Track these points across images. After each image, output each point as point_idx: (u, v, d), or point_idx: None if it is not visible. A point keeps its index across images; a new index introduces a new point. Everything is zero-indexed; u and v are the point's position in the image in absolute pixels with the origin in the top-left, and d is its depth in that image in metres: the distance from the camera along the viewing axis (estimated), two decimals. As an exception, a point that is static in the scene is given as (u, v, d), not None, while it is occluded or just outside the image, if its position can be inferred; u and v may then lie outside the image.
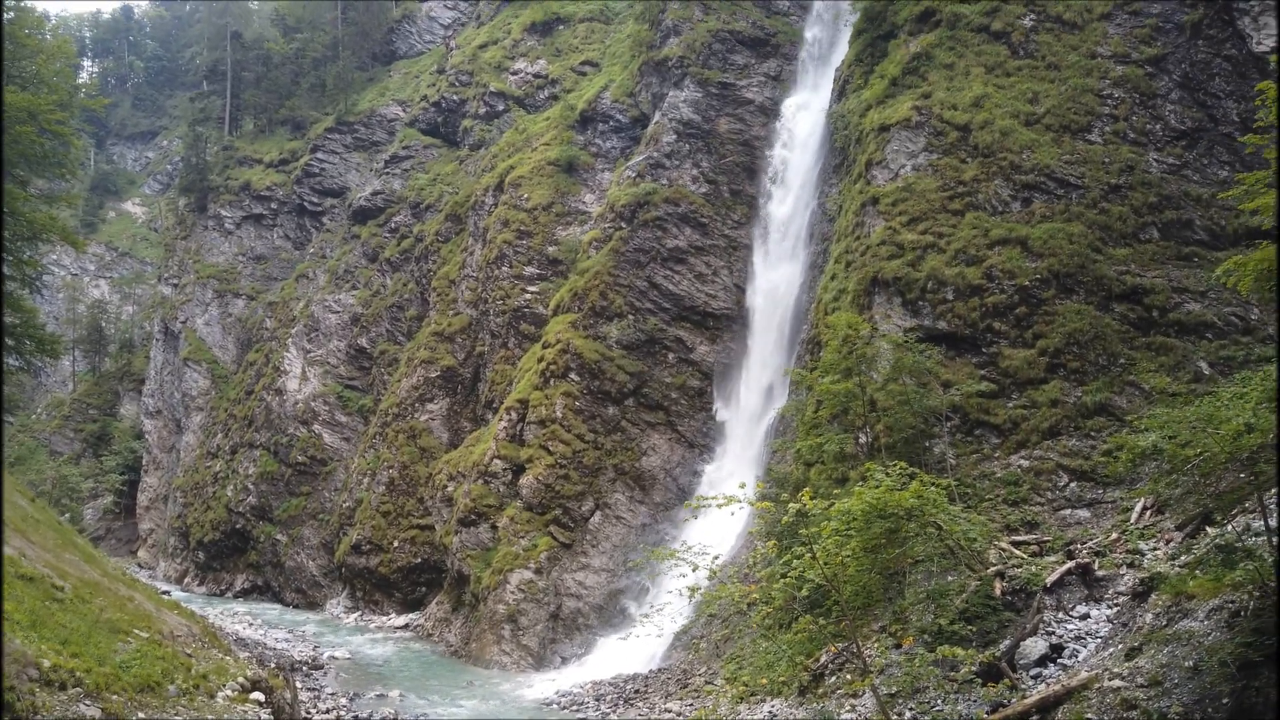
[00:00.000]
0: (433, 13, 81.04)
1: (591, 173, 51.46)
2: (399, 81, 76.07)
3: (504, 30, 65.76)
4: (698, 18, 47.29)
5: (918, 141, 31.58)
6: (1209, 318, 26.13)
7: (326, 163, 72.95)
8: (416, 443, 51.69)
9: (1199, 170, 28.74)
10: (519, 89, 60.92)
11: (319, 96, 79.74)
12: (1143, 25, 30.71)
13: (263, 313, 71.09)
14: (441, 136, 66.86)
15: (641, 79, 49.77)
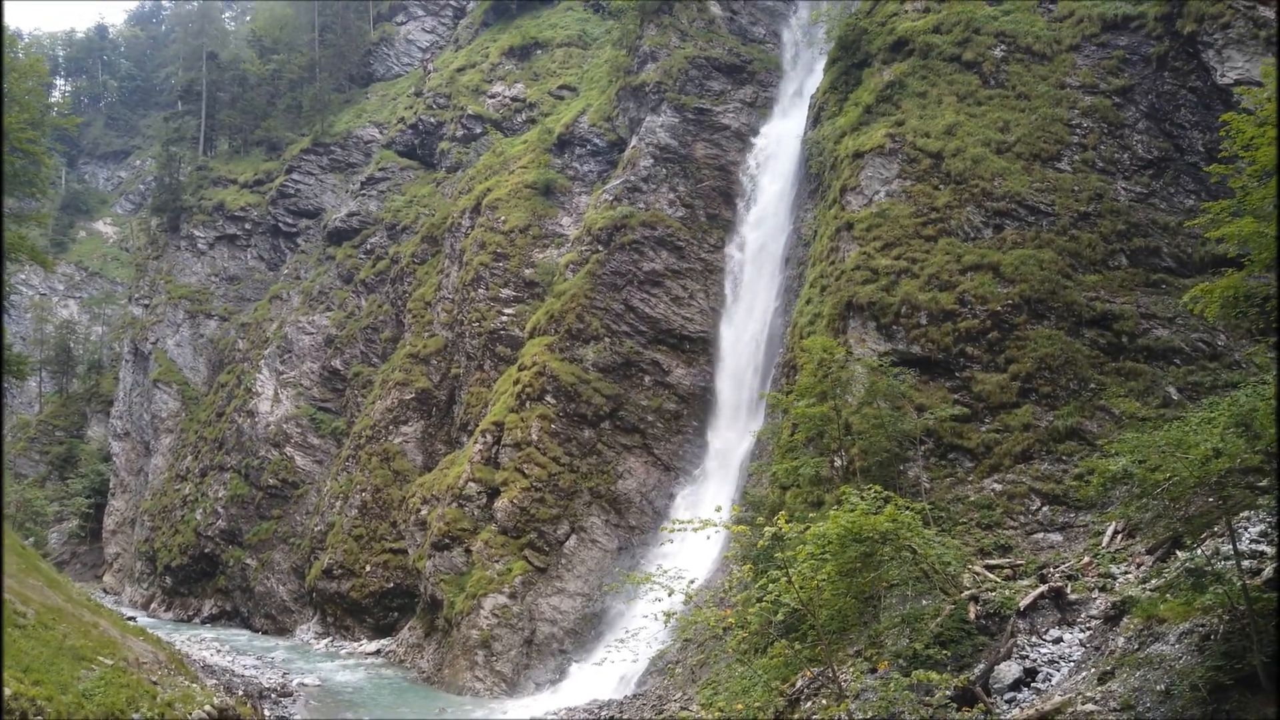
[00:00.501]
0: (410, 36, 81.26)
1: (569, 196, 51.60)
2: (376, 103, 76.08)
3: (482, 54, 66.02)
4: (675, 44, 47.74)
5: (891, 168, 31.96)
6: (1177, 343, 26.53)
7: (302, 184, 72.67)
8: (390, 466, 51.23)
9: (1166, 199, 29.29)
10: (496, 112, 61.11)
11: (295, 118, 79.56)
12: (1110, 57, 31.37)
13: (235, 334, 70.43)
14: (418, 158, 66.85)
15: (619, 103, 50.10)
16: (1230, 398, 23.29)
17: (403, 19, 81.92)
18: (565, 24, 64.77)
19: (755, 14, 49.72)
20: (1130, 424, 25.10)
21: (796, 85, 45.90)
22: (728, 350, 40.99)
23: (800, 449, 29.61)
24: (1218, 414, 20.35)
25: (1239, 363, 25.87)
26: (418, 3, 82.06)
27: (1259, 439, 17.38)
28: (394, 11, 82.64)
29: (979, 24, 33.59)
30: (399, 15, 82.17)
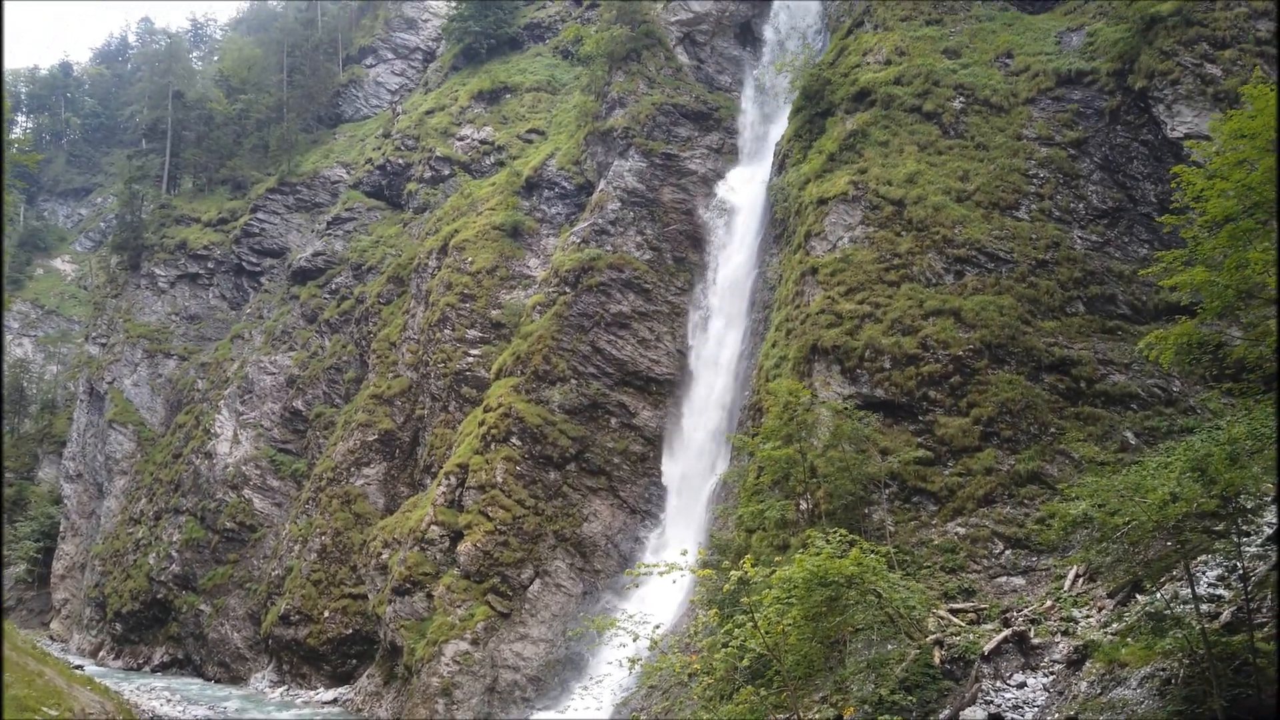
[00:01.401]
0: (379, 78, 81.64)
1: (536, 238, 51.76)
2: (344, 144, 76.10)
3: (451, 97, 66.43)
4: (643, 91, 48.42)
5: (855, 214, 32.50)
6: (1134, 389, 27.04)
7: (267, 223, 72.21)
8: (351, 508, 50.40)
9: (1120, 247, 30.04)
10: (465, 154, 61.37)
11: (261, 157, 79.28)
12: (1065, 110, 32.32)
13: (195, 374, 69.31)
14: (385, 199, 66.81)
15: (587, 148, 50.57)
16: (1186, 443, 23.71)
17: (372, 62, 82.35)
18: (534, 69, 65.47)
19: (721, 63, 50.67)
20: (1089, 468, 25.45)
21: (762, 132, 46.66)
22: (694, 393, 41.07)
23: (766, 492, 29.62)
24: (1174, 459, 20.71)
25: (1194, 408, 26.38)
26: (387, 46, 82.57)
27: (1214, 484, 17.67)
28: (364, 54, 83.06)
29: (939, 76, 34.50)
30: (368, 58, 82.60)
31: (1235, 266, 18.38)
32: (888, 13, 38.12)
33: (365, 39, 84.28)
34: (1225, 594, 19.18)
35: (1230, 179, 18.48)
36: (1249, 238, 18.53)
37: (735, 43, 50.88)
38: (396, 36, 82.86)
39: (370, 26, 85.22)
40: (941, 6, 37.58)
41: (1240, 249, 18.33)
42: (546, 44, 68.50)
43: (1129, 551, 20.40)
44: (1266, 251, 18.08)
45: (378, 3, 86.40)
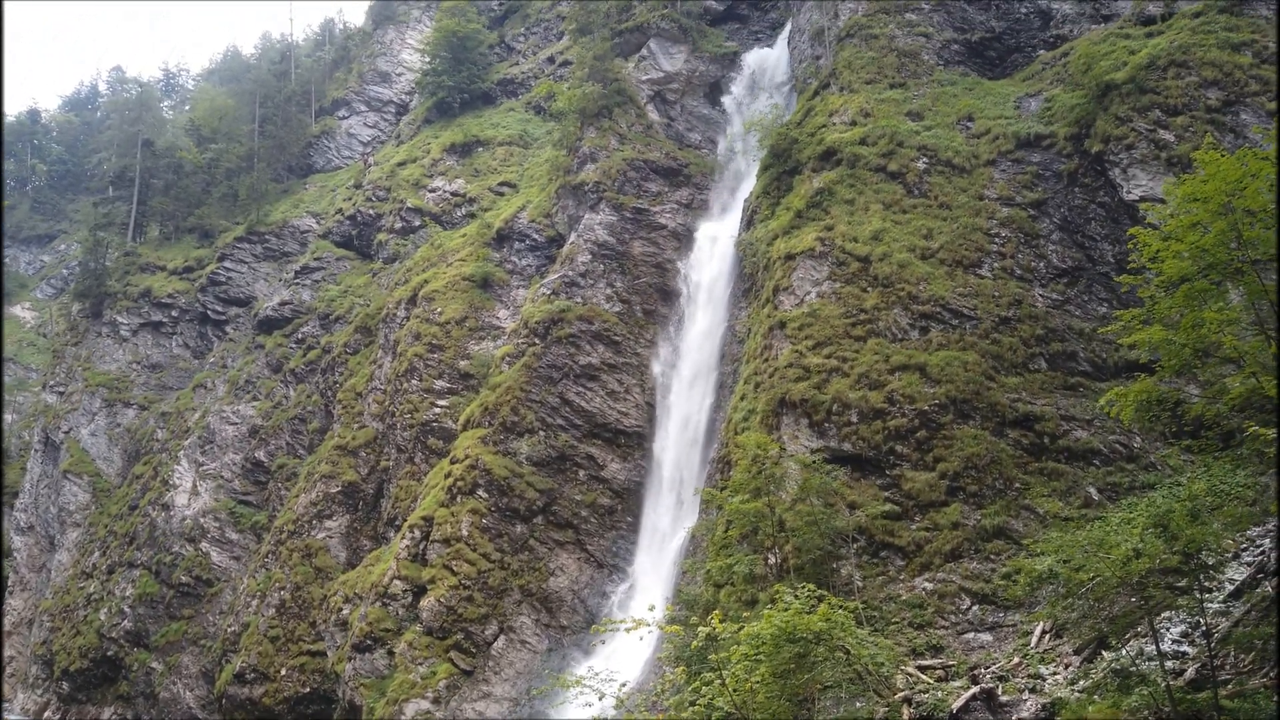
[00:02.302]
0: (352, 130, 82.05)
1: (506, 289, 51.82)
2: (314, 194, 76.08)
3: (423, 149, 66.87)
4: (614, 147, 49.09)
5: (822, 270, 32.95)
6: (1096, 445, 27.37)
7: (234, 271, 71.66)
8: (312, 562, 49.30)
9: (1080, 306, 30.68)
10: (436, 206, 61.60)
11: (230, 206, 78.96)
12: (1024, 172, 33.22)
13: (154, 423, 67.97)
14: (355, 249, 66.66)
15: (559, 201, 51.01)
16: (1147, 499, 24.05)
17: (345, 114, 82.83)
18: (507, 124, 66.22)
19: (691, 121, 51.60)
20: (1054, 523, 25.63)
21: (731, 188, 47.41)
22: (663, 445, 40.97)
23: (734, 546, 29.44)
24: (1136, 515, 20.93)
25: (1154, 464, 26.75)
26: (360, 99, 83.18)
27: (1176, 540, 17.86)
28: (337, 106, 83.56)
29: (903, 138, 35.36)
30: (341, 110, 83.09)
31: (1191, 325, 18.81)
32: (853, 76, 39.14)
33: (339, 91, 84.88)
34: (1189, 650, 19.26)
35: (1185, 241, 19.02)
36: (1204, 298, 19.01)
37: (705, 101, 51.90)
38: (370, 89, 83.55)
39: (344, 79, 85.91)
40: (905, 71, 38.68)
41: (1196, 308, 18.78)
42: (519, 99, 69.44)
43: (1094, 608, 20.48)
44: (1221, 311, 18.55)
45: (352, 56, 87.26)
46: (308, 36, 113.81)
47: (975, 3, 39.53)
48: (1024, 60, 38.05)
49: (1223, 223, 18.36)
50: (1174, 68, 31.15)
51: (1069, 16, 37.19)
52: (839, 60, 40.03)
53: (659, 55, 52.39)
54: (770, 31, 53.91)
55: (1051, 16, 37.81)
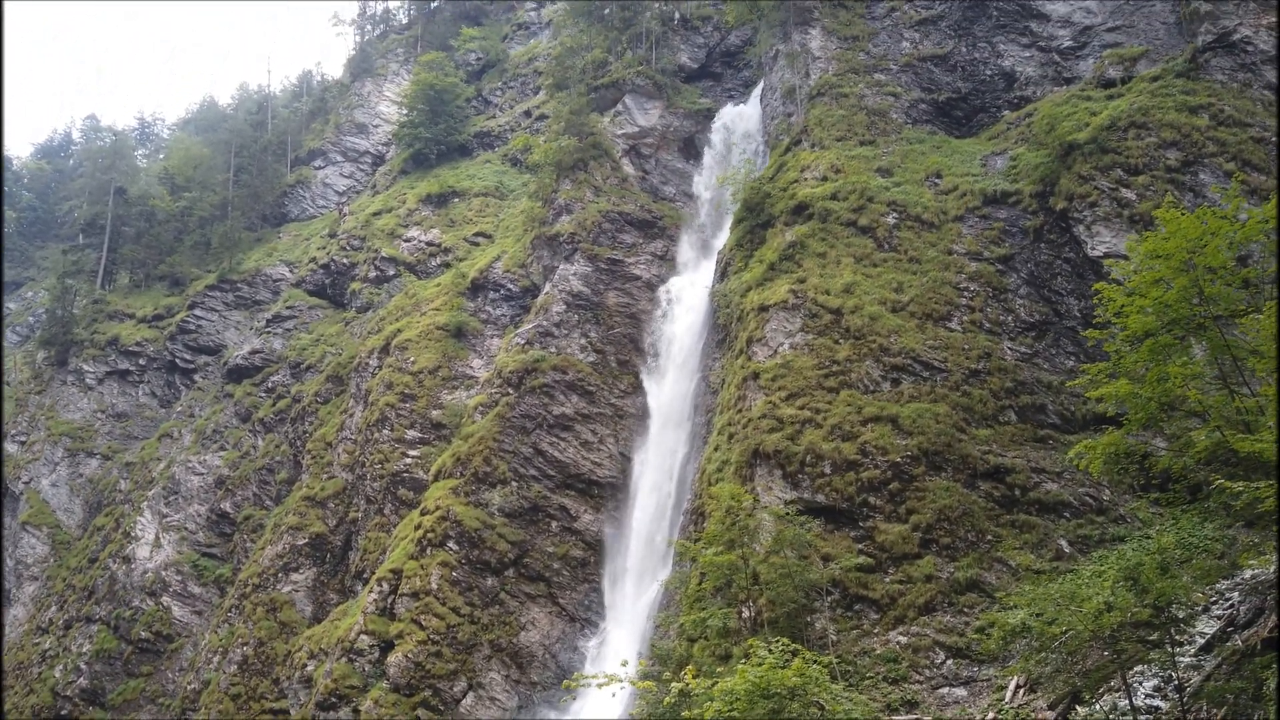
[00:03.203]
0: (327, 180, 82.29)
1: (480, 339, 51.74)
2: (288, 243, 75.94)
3: (399, 199, 67.15)
4: (589, 199, 49.57)
5: (795, 322, 33.23)
6: (1066, 497, 27.55)
7: (205, 319, 71.04)
8: (276, 617, 48.16)
9: (1048, 359, 31.12)
10: (411, 255, 61.67)
11: (203, 254, 78.55)
12: (991, 228, 33.89)
13: (118, 473, 66.64)
14: (328, 298, 66.43)
15: (534, 251, 51.26)
16: (1118, 552, 24.21)
17: (321, 164, 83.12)
18: (483, 175, 66.77)
19: (666, 174, 52.30)
20: (1026, 576, 25.68)
21: (705, 241, 47.93)
22: (637, 496, 40.70)
23: (708, 599, 29.15)
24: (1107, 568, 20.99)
25: (1124, 517, 26.95)
26: (337, 149, 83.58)
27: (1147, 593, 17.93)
28: (313, 156, 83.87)
29: (873, 193, 36.02)
30: (317, 160, 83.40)
31: (1157, 380, 19.12)
32: (824, 133, 39.95)
33: (315, 142, 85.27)
34: (1162, 705, 19.20)
35: (1148, 296, 19.43)
36: (1168, 352, 19.37)
37: (679, 155, 52.68)
38: (346, 140, 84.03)
39: (321, 130, 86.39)
40: (874, 129, 39.56)
41: (1160, 363, 19.12)
42: (495, 151, 70.14)
43: (1067, 661, 20.45)
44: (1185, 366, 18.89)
45: (329, 107, 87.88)
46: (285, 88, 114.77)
47: (942, 64, 40.67)
48: (989, 120, 39.07)
49: (1185, 279, 18.80)
50: (1134, 129, 32.10)
51: (1032, 78, 38.34)
52: (810, 118, 40.87)
53: (634, 110, 53.25)
54: (743, 89, 55.06)
55: (1015, 78, 38.95)
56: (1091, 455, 20.70)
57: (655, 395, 43.07)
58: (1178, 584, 17.69)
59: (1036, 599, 22.62)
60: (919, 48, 42.61)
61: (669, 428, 41.05)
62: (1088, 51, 37.43)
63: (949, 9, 42.57)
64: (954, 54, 40.84)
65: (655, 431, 41.81)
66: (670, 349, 43.82)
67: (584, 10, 63.64)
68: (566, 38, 63.59)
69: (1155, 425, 21.52)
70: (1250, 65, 32.73)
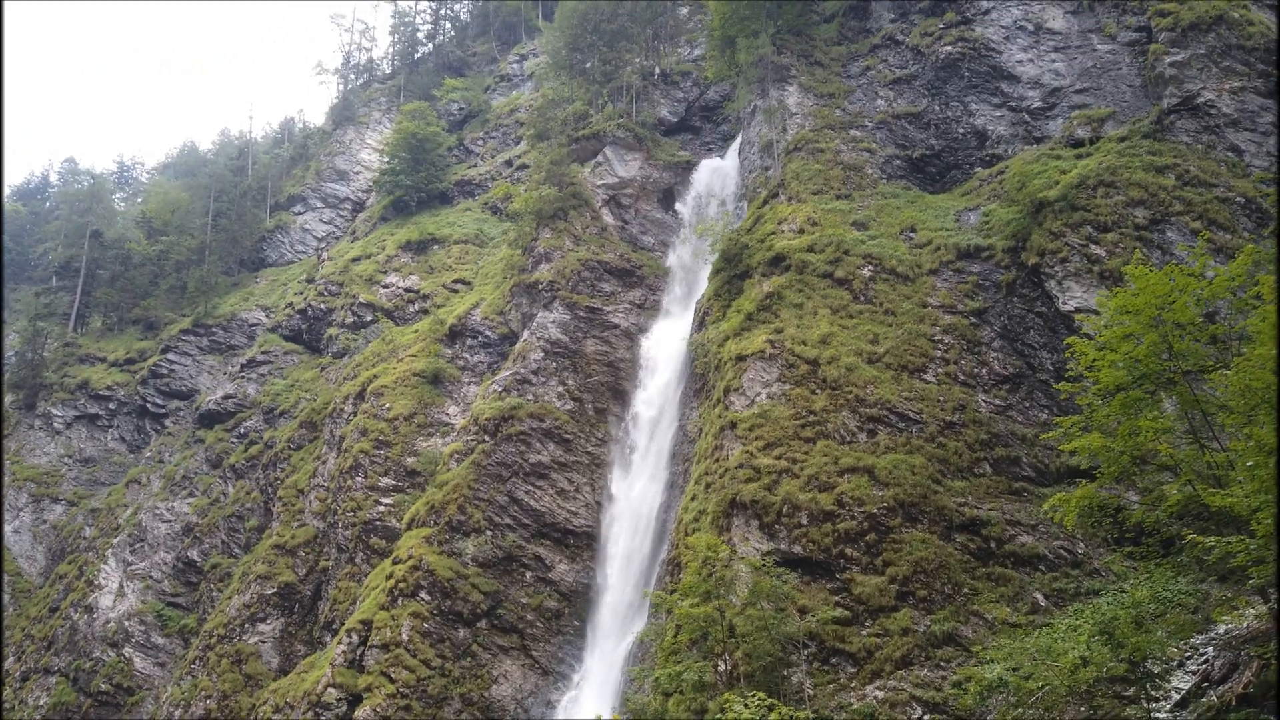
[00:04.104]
0: (307, 225, 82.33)
1: (457, 385, 51.51)
2: (265, 288, 75.64)
3: (379, 246, 67.22)
4: (569, 247, 49.86)
5: (772, 372, 33.37)
6: (1041, 550, 27.57)
7: (178, 364, 70.31)
8: (242, 669, 46.95)
9: (1022, 412, 31.37)
10: (389, 301, 61.57)
11: (178, 298, 78.07)
12: (965, 281, 34.36)
13: (83, 520, 65.24)
14: (304, 343, 66.02)
15: (513, 299, 51.33)
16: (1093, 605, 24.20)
17: (301, 209, 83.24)
18: (463, 223, 67.04)
19: (645, 224, 52.78)
20: (1003, 630, 25.57)
21: (684, 290, 48.23)
22: (613, 546, 40.32)
23: (684, 651, 28.77)
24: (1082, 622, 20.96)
25: (1098, 570, 26.97)
26: (317, 195, 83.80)
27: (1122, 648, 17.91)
28: (293, 202, 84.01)
29: (849, 246, 36.49)
30: (297, 205, 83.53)
31: (1128, 433, 19.31)
32: (800, 186, 40.56)
33: (295, 187, 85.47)
34: (1141, 762, 19.07)
35: (1119, 351, 19.72)
36: (1139, 406, 19.60)
37: (659, 206, 53.22)
38: (327, 186, 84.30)
39: (301, 176, 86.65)
40: (850, 184, 40.23)
41: (1132, 417, 19.33)
42: (476, 199, 70.55)
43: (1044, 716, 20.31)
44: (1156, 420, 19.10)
45: (311, 154, 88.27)
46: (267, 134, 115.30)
47: (916, 122, 41.58)
48: (962, 176, 39.85)
49: (1154, 334, 19.11)
50: (1103, 187, 32.84)
51: (1003, 137, 39.24)
52: (787, 171, 41.53)
53: (615, 161, 53.89)
54: (722, 143, 55.95)
55: (987, 136, 39.86)
56: (1066, 508, 20.81)
57: (633, 444, 42.92)
58: (1152, 639, 17.70)
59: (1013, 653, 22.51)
60: (893, 105, 43.57)
61: (646, 477, 40.85)
62: (1057, 112, 38.41)
63: (922, 69, 43.65)
64: (927, 112, 41.78)
65: (632, 480, 41.59)
66: (648, 398, 43.79)
67: (566, 63, 64.70)
68: (548, 90, 64.57)
69: (1128, 479, 21.69)
70: (1214, 128, 33.69)
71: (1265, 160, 32.25)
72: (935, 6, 44.70)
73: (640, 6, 66.14)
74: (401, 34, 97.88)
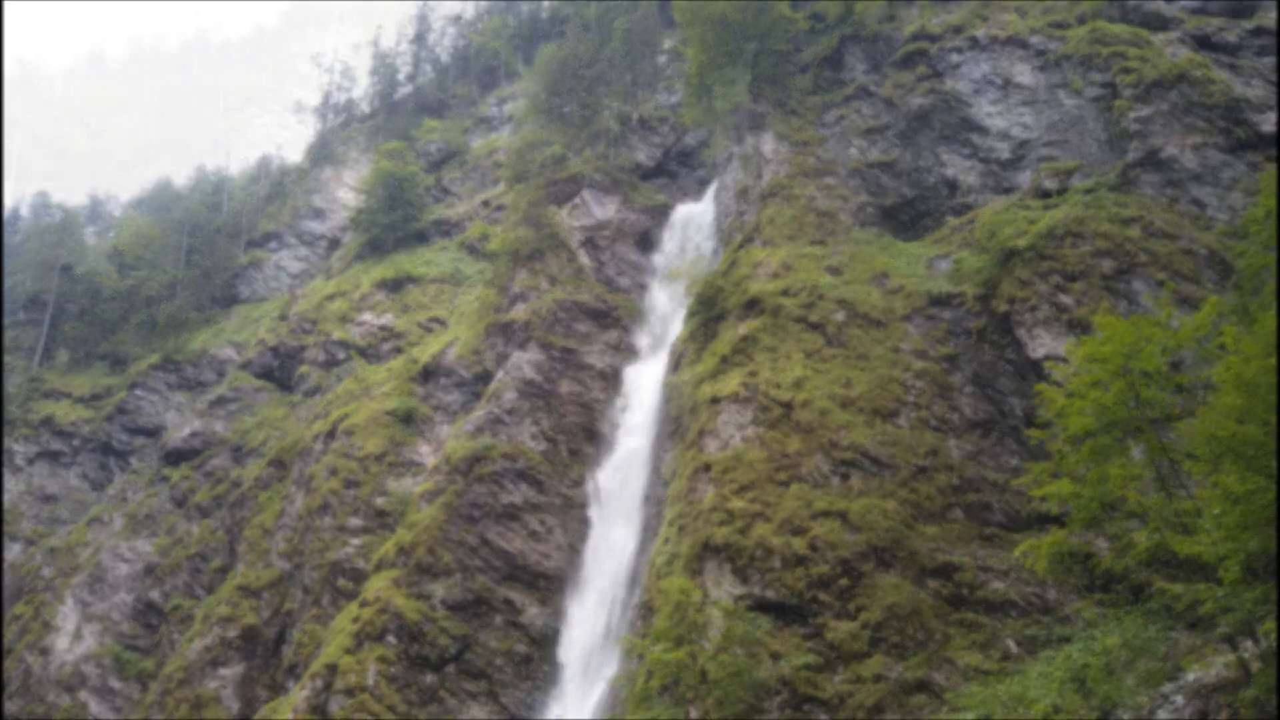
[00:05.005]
0: (281, 262, 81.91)
1: (430, 425, 51.10)
2: (237, 324, 74.93)
3: (354, 284, 66.97)
4: (545, 288, 49.97)
5: (746, 414, 33.44)
6: (1012, 596, 27.63)
7: (145, 400, 69.25)
8: (201, 714, 45.70)
9: (993, 457, 31.60)
10: (363, 339, 61.22)
11: (148, 333, 77.00)
12: (937, 328, 34.78)
13: (42, 559, 63.52)
14: (275, 380, 65.32)
15: (488, 338, 51.22)
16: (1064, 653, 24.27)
17: (275, 246, 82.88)
18: (439, 261, 67.05)
19: (621, 266, 53.04)
20: (975, 676, 25.52)
21: (659, 332, 48.39)
22: (585, 590, 39.83)
23: (655, 698, 28.42)
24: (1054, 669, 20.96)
25: (1069, 617, 27.03)
26: (293, 233, 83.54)
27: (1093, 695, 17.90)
28: (268, 239, 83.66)
29: (822, 290, 36.86)
30: (272, 242, 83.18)
31: (1098, 480, 19.49)
32: (775, 231, 41.04)
33: (270, 224, 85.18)
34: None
35: (1087, 398, 19.97)
36: (1108, 453, 19.82)
37: (635, 248, 53.57)
38: (303, 224, 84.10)
39: (277, 213, 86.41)
40: (823, 230, 40.76)
41: (1101, 463, 19.53)
42: (453, 239, 70.63)
43: (1018, 765, 20.18)
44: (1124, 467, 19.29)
45: (287, 191, 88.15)
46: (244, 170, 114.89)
47: (888, 171, 42.34)
48: (934, 224, 40.52)
49: (1121, 383, 19.39)
50: (1070, 237, 33.50)
51: (974, 187, 40.01)
52: (762, 216, 42.03)
53: (591, 204, 54.29)
54: (698, 187, 56.58)
55: (958, 186, 40.62)
56: (1036, 554, 20.91)
57: (606, 486, 42.66)
58: (1123, 687, 17.72)
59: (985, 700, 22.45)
60: (867, 154, 44.35)
61: (619, 520, 40.55)
62: (1025, 164, 39.27)
63: (895, 119, 44.55)
64: (900, 161, 42.57)
65: (605, 523, 41.28)
66: (623, 440, 43.66)
67: (545, 107, 65.36)
68: (527, 132, 65.09)
69: (1097, 525, 21.84)
70: (1177, 181, 34.59)
71: (1227, 214, 33.09)
72: (907, 59, 45.74)
73: (619, 53, 67.15)
74: (381, 75, 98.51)
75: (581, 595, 40.02)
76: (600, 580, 39.47)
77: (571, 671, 37.83)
